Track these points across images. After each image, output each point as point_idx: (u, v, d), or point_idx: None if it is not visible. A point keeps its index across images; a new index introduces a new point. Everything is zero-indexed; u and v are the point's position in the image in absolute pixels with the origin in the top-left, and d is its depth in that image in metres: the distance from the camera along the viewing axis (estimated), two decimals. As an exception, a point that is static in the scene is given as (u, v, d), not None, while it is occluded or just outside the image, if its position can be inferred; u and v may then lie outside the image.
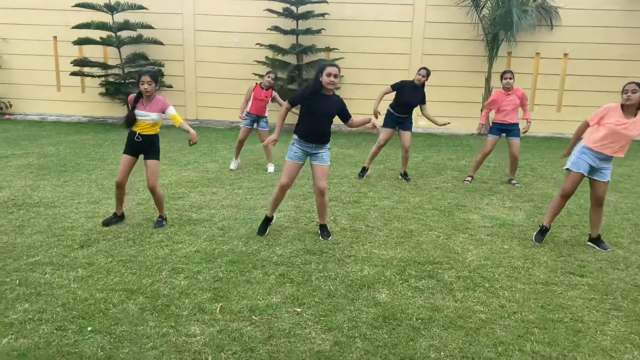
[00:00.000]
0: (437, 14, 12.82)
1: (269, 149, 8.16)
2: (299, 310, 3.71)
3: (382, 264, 4.55)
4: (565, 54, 12.84)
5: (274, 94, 8.09)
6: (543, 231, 5.22)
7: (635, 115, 4.83)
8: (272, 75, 8.01)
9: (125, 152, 5.37)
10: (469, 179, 7.79)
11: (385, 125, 7.76)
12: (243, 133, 8.23)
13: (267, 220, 5.30)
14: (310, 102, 4.97)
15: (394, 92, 7.66)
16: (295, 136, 5.06)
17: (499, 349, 3.30)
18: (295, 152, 5.04)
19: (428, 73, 7.60)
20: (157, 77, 5.26)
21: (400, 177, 7.92)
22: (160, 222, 5.49)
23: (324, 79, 4.85)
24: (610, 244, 5.23)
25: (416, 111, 7.77)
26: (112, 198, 6.38)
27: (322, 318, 3.60)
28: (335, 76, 4.84)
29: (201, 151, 9.80)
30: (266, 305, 3.76)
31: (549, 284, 4.26)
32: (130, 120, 5.22)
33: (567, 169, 5.06)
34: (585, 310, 3.84)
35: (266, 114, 8.18)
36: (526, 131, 7.64)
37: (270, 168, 8.24)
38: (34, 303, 3.70)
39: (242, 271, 4.34)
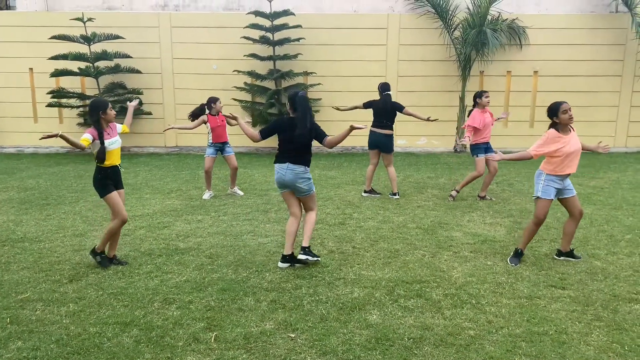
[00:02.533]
0: (411, 37, 13.18)
1: (235, 175, 8.31)
2: (293, 335, 3.77)
3: (371, 285, 4.65)
4: (535, 72, 13.30)
5: (222, 115, 8.16)
6: (519, 254, 5.31)
7: (570, 131, 5.08)
8: (220, 101, 8.16)
9: (112, 191, 5.06)
10: (454, 193, 7.94)
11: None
12: (208, 162, 8.16)
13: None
14: None
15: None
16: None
17: (489, 364, 3.41)
18: None
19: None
20: None
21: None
22: (109, 260, 5.26)
23: None
24: (588, 255, 5.42)
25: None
26: (97, 230, 6.39)
27: (316, 342, 3.67)
28: None
29: (183, 178, 9.83)
30: (260, 332, 3.82)
31: (532, 298, 4.41)
32: (104, 155, 4.99)
33: (537, 197, 5.17)
34: (568, 321, 3.99)
35: (228, 139, 8.25)
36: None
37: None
38: (27, 341, 3.69)
39: (233, 299, 4.39)
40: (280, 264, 5.12)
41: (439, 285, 4.67)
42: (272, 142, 5.55)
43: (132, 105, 6.01)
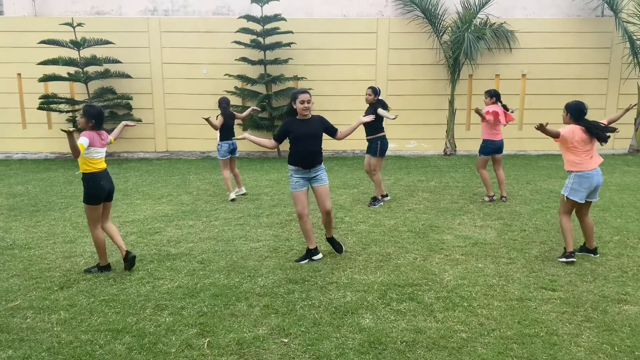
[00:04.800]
0: (400, 41, 13.25)
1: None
2: (286, 340, 3.78)
3: (363, 289, 4.66)
4: (524, 75, 13.42)
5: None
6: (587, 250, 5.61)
7: None
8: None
9: None
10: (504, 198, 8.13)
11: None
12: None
13: (310, 252, 5.46)
14: (293, 132, 5.30)
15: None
16: (291, 167, 5.35)
17: (482, 366, 3.43)
18: (297, 182, 5.35)
19: (374, 91, 7.68)
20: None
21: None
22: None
23: (298, 106, 5.26)
24: (577, 257, 5.48)
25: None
26: (87, 236, 6.34)
27: (309, 347, 3.67)
28: (308, 102, 5.25)
29: (174, 183, 9.79)
30: (253, 337, 3.82)
31: (523, 300, 4.45)
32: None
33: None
34: (559, 323, 4.03)
35: None
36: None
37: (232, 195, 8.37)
38: (17, 349, 3.66)
39: (226, 304, 4.39)
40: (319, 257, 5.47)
41: (430, 289, 4.69)
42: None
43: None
